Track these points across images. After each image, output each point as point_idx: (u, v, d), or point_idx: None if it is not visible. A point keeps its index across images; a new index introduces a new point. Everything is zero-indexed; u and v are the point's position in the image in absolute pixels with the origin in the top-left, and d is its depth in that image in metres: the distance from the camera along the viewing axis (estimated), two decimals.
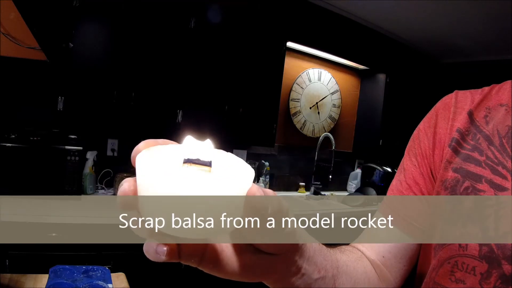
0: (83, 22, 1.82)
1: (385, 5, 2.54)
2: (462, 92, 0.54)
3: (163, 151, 0.27)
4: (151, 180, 0.23)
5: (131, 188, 0.25)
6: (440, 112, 0.54)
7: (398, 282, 0.53)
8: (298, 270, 0.34)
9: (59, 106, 1.78)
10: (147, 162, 0.24)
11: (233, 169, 0.28)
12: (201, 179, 0.24)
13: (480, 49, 3.18)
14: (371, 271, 0.50)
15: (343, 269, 0.41)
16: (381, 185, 2.96)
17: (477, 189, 0.45)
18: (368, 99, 3.31)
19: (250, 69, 2.35)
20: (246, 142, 2.59)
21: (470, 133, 0.50)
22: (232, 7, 2.23)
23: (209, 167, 0.25)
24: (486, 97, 0.51)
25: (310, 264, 0.35)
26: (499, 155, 0.46)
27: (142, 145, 0.27)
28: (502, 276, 0.41)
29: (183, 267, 1.82)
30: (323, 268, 0.37)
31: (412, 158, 0.55)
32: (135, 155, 0.26)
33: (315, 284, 0.36)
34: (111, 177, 2.20)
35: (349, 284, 0.42)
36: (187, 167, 0.25)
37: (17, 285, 0.94)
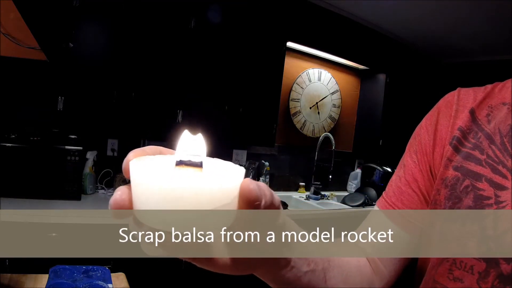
0: (83, 22, 1.83)
1: (385, 5, 2.54)
2: (465, 89, 0.54)
3: (154, 158, 0.28)
4: (146, 182, 0.24)
5: (122, 197, 0.25)
6: (442, 110, 0.54)
7: (393, 276, 0.53)
8: (288, 263, 0.34)
9: (59, 106, 1.78)
10: (141, 166, 0.25)
11: (223, 168, 0.29)
12: (195, 177, 0.25)
13: (480, 49, 3.18)
14: (365, 264, 0.50)
15: (335, 262, 0.42)
16: (381, 185, 2.96)
17: (477, 187, 0.45)
18: (368, 99, 3.31)
19: (250, 69, 2.35)
20: (246, 142, 2.59)
21: (471, 132, 0.50)
22: (232, 7, 2.23)
23: (201, 168, 0.26)
24: (488, 95, 0.51)
25: (299, 257, 0.35)
26: (500, 154, 0.46)
27: (132, 155, 0.27)
28: (500, 275, 0.41)
29: (183, 267, 1.82)
30: (313, 261, 0.37)
31: (412, 155, 0.55)
32: (126, 165, 0.27)
33: (305, 277, 0.36)
34: (111, 177, 2.20)
35: (341, 277, 0.42)
36: (180, 169, 0.26)
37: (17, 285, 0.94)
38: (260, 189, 0.27)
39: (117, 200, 0.25)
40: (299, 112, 2.99)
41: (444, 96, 0.56)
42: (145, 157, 0.28)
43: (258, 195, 0.27)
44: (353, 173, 3.29)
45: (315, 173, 3.04)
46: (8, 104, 1.91)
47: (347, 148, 3.40)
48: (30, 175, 1.72)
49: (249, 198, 0.26)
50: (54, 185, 1.77)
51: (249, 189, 0.26)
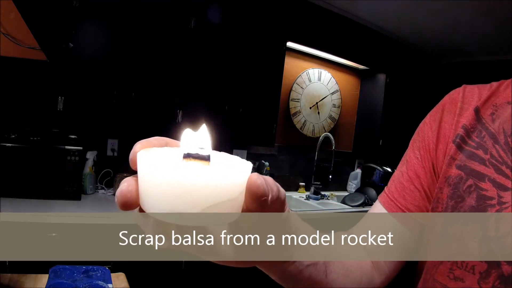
0: (83, 22, 1.82)
1: (385, 5, 2.54)
2: (470, 87, 0.53)
3: (162, 150, 0.28)
4: (154, 174, 0.24)
5: (129, 188, 0.25)
6: (447, 107, 0.54)
7: (392, 272, 0.53)
8: (290, 257, 0.35)
9: (59, 106, 1.78)
10: (149, 158, 0.25)
11: (231, 162, 0.29)
12: (203, 171, 0.25)
13: (480, 49, 3.18)
14: (365, 259, 0.50)
15: (336, 256, 0.42)
16: (381, 185, 2.96)
17: (480, 187, 0.45)
18: (368, 99, 3.31)
19: (250, 69, 2.35)
20: (246, 142, 2.59)
21: (475, 130, 0.49)
22: (232, 7, 2.23)
23: (208, 161, 0.26)
24: (494, 93, 0.51)
25: (301, 251, 0.35)
26: (503, 154, 0.45)
27: (139, 147, 0.27)
28: (501, 276, 0.41)
29: (183, 267, 1.82)
30: (315, 254, 0.38)
31: (415, 151, 0.55)
32: (133, 156, 0.26)
33: (307, 270, 0.37)
34: (111, 177, 2.20)
35: (341, 271, 0.42)
36: (187, 162, 0.26)
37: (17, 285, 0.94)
38: (267, 184, 0.27)
39: (123, 191, 0.25)
40: (299, 112, 2.99)
41: (449, 92, 0.55)
42: (152, 149, 0.28)
43: (266, 190, 0.27)
44: (353, 173, 3.29)
45: (315, 173, 3.04)
46: (8, 104, 1.91)
47: (347, 148, 3.40)
48: (30, 175, 1.72)
49: (257, 193, 0.26)
50: (54, 185, 1.77)
51: (257, 185, 0.26)
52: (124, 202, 0.25)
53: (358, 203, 2.72)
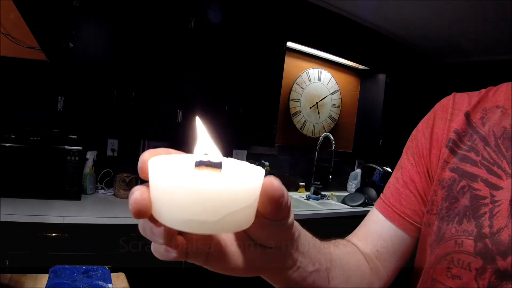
0: (83, 22, 1.83)
1: (385, 5, 2.54)
2: (460, 94, 0.56)
3: (171, 158, 0.28)
4: (167, 183, 0.24)
5: (143, 196, 0.25)
6: (438, 114, 0.56)
7: (390, 275, 0.54)
8: (294, 263, 0.35)
9: (59, 106, 1.78)
10: (162, 166, 0.25)
11: (242, 168, 0.29)
12: (217, 179, 0.25)
13: (480, 49, 3.18)
14: (364, 264, 0.51)
15: (336, 262, 0.42)
16: (381, 185, 2.96)
17: (473, 188, 0.47)
18: (368, 99, 3.31)
19: (250, 69, 2.35)
20: (246, 142, 2.59)
21: (467, 134, 0.51)
22: (232, 7, 2.23)
23: (220, 169, 0.26)
24: (483, 99, 0.53)
25: (305, 257, 0.36)
26: (494, 156, 0.47)
27: (147, 155, 0.27)
28: (496, 271, 0.42)
29: (183, 267, 1.82)
30: (317, 261, 0.38)
31: (409, 157, 0.57)
32: (143, 164, 0.26)
33: (310, 277, 0.37)
34: (111, 177, 2.20)
35: (342, 276, 0.43)
36: (199, 170, 0.26)
37: (17, 285, 0.94)
38: (283, 189, 0.27)
39: (138, 200, 0.25)
40: (299, 112, 2.99)
41: (440, 100, 0.58)
42: (161, 156, 0.27)
43: (283, 191, 0.27)
44: (353, 173, 3.29)
45: (315, 173, 3.04)
46: (8, 104, 1.91)
47: (347, 148, 3.40)
48: (30, 175, 1.72)
49: (275, 195, 0.27)
50: (54, 185, 1.77)
51: (274, 186, 0.27)
52: (138, 210, 0.25)
53: (358, 203, 2.73)
